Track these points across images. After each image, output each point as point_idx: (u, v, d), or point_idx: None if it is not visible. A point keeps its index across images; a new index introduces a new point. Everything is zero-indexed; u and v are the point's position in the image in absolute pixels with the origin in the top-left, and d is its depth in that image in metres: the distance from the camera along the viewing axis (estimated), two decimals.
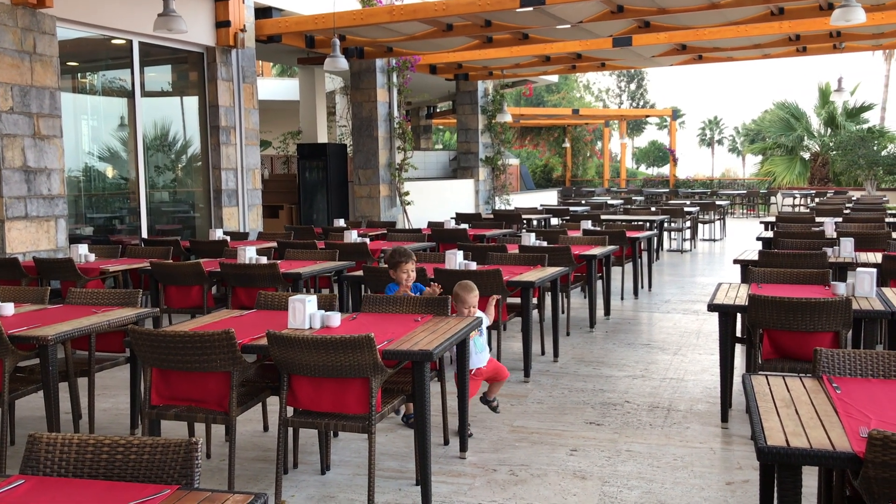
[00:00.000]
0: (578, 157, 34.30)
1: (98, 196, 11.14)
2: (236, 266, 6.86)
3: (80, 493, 2.10)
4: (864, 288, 5.08)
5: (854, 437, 2.49)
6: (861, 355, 3.24)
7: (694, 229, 16.60)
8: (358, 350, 3.68)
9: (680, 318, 8.81)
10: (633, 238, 9.91)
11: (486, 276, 6.12)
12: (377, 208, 14.32)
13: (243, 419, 5.21)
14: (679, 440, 4.84)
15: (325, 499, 4.06)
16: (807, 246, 7.70)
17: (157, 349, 3.90)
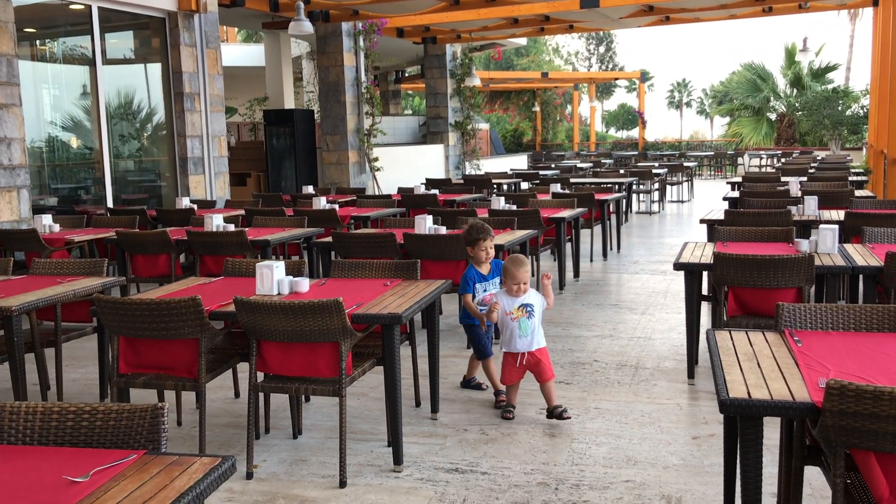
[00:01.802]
0: (548, 121, 34.27)
1: (62, 166, 10.95)
2: (203, 234, 6.80)
3: (46, 460, 2.09)
4: (826, 244, 5.16)
5: (813, 387, 2.54)
6: (822, 309, 3.30)
7: (662, 191, 16.72)
8: (326, 314, 3.68)
9: (648, 278, 8.90)
10: (602, 200, 9.96)
11: (457, 240, 6.12)
12: (346, 175, 14.23)
13: (214, 386, 5.21)
14: (646, 397, 4.92)
15: (297, 462, 4.09)
16: (772, 205, 7.80)
17: (123, 317, 3.87)
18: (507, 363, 4.54)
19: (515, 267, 4.46)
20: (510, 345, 4.48)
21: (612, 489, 3.67)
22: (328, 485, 3.81)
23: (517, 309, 4.45)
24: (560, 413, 4.47)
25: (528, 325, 4.45)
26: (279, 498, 3.67)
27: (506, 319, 4.46)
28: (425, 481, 3.81)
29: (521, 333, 4.44)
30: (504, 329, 4.49)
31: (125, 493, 1.88)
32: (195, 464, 2.03)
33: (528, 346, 4.46)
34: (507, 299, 4.48)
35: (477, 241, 4.98)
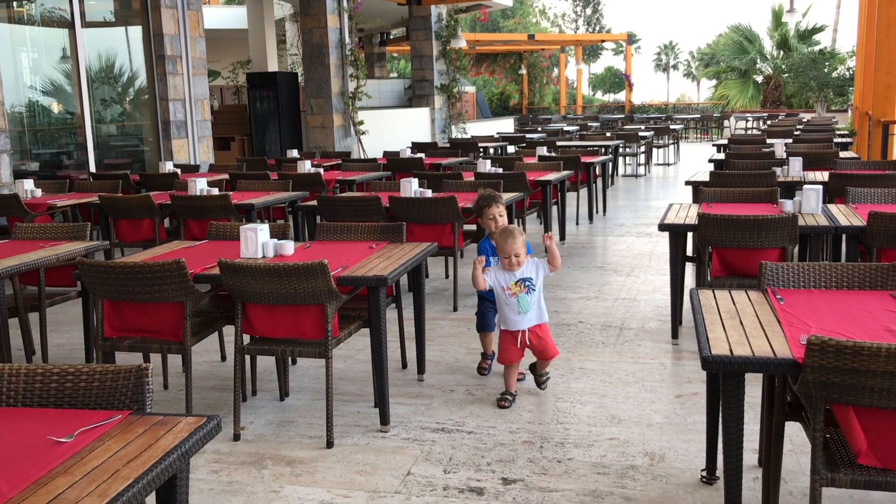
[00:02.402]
0: (535, 84, 34.07)
1: (43, 131, 10.82)
2: (187, 198, 6.76)
3: (30, 420, 2.09)
4: (810, 205, 5.18)
5: (795, 344, 2.57)
6: (804, 267, 3.33)
7: (648, 154, 16.71)
8: (311, 277, 3.68)
9: (633, 240, 8.93)
10: (588, 163, 9.95)
11: (442, 203, 6.11)
12: (331, 139, 14.12)
13: (200, 350, 5.22)
14: (631, 357, 4.96)
15: (284, 424, 4.11)
16: (757, 166, 7.81)
17: (107, 281, 3.85)
18: (505, 342, 4.22)
19: (504, 238, 4.12)
20: (508, 322, 4.17)
21: (597, 447, 3.71)
22: (315, 445, 3.83)
23: (515, 284, 4.12)
24: (542, 380, 4.38)
25: (528, 300, 4.12)
26: (267, 459, 3.70)
27: (503, 296, 4.16)
28: (412, 441, 3.84)
29: (521, 309, 4.11)
30: (502, 306, 4.20)
31: (110, 453, 1.89)
32: (180, 423, 2.03)
33: (530, 323, 4.15)
34: (502, 274, 4.15)
35: (482, 209, 4.61)
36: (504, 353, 4.23)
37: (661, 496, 3.24)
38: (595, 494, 3.27)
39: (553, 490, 3.31)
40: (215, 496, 3.35)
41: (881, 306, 2.97)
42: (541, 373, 4.40)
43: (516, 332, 4.16)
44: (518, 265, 4.10)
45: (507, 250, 4.08)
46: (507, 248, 4.08)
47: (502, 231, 4.15)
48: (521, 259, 4.09)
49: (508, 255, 4.08)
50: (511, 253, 4.08)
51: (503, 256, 4.11)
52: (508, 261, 4.09)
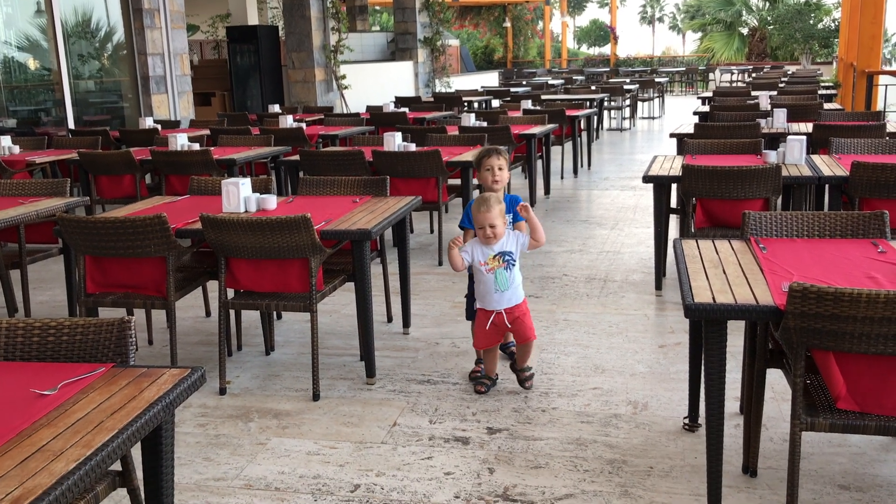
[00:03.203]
0: (519, 37, 33.72)
1: (20, 88, 10.62)
2: (168, 153, 6.68)
3: (12, 374, 2.08)
4: (794, 155, 5.19)
5: (777, 292, 2.58)
6: (787, 217, 3.34)
7: (633, 107, 16.65)
8: (295, 231, 3.65)
9: (618, 194, 8.94)
10: (573, 117, 9.90)
11: (426, 157, 6.07)
12: (313, 93, 13.96)
13: (185, 306, 5.20)
14: (614, 308, 4.99)
15: (270, 378, 4.12)
16: (741, 118, 7.79)
17: (88, 236, 3.81)
18: (481, 323, 3.78)
19: (477, 207, 3.67)
20: (485, 300, 3.76)
21: (580, 396, 3.75)
22: (302, 398, 3.85)
23: (493, 259, 3.70)
24: (525, 377, 3.85)
25: (507, 277, 3.71)
26: (253, 412, 3.72)
27: (480, 271, 3.73)
28: (398, 392, 3.86)
29: (499, 287, 3.71)
30: (478, 283, 3.78)
31: (94, 405, 1.88)
32: (164, 375, 2.03)
33: (508, 302, 3.73)
34: (479, 248, 3.73)
35: (480, 159, 4.07)
36: (479, 336, 3.81)
37: (643, 443, 3.29)
38: (579, 442, 3.31)
39: (537, 439, 3.35)
40: (202, 449, 3.37)
41: (863, 254, 2.99)
42: (522, 367, 3.87)
43: (491, 313, 3.73)
44: (495, 237, 3.66)
45: (481, 220, 3.63)
46: (480, 218, 3.64)
47: (477, 199, 3.70)
48: (497, 231, 3.65)
49: (483, 225, 3.63)
50: (486, 223, 3.63)
51: (477, 227, 3.68)
52: (483, 232, 3.64)
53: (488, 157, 4.04)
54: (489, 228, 3.65)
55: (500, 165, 4.02)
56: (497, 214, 3.65)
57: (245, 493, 3.01)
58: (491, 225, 3.64)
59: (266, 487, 3.05)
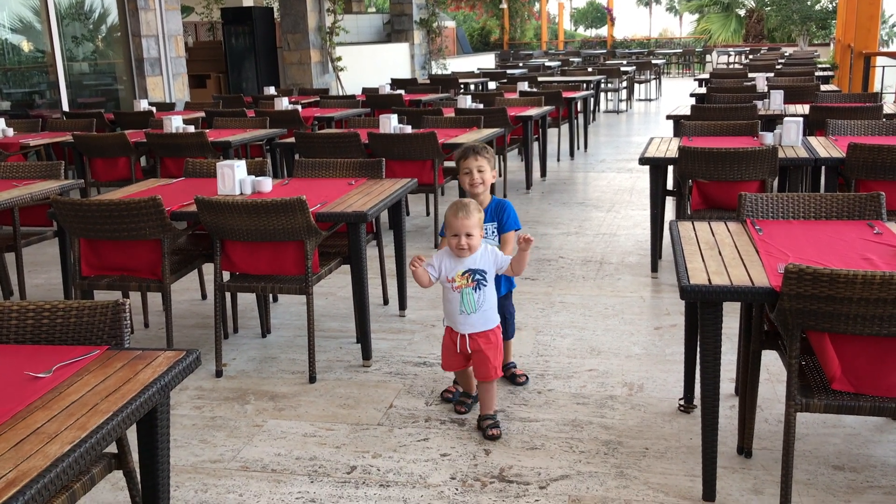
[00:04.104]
0: (516, 18, 33.50)
1: (13, 70, 10.55)
2: (163, 136, 6.65)
3: (7, 356, 2.07)
4: (790, 137, 5.18)
5: (772, 273, 2.58)
6: (783, 198, 3.33)
7: (630, 89, 16.60)
8: (290, 213, 3.64)
9: (614, 176, 8.92)
10: (570, 98, 9.86)
11: (422, 139, 6.05)
12: (309, 75, 13.89)
13: (181, 289, 5.20)
14: (610, 290, 5.00)
15: (266, 360, 4.12)
16: (738, 100, 7.78)
17: (82, 219, 3.80)
18: (445, 343, 3.36)
19: (454, 212, 3.16)
20: (450, 319, 3.29)
21: (576, 378, 3.76)
22: (298, 380, 3.85)
23: (461, 275, 3.20)
24: (487, 426, 3.26)
25: (475, 298, 3.20)
26: (249, 394, 3.72)
27: (446, 287, 3.25)
28: (394, 374, 3.87)
29: (464, 308, 3.20)
30: (444, 299, 3.31)
31: (89, 387, 1.88)
32: (159, 357, 2.02)
33: (472, 327, 3.22)
34: (448, 260, 3.23)
35: (458, 160, 3.62)
36: (445, 356, 3.38)
37: (639, 425, 3.30)
38: (574, 424, 3.32)
39: (533, 420, 3.36)
40: (198, 431, 3.38)
41: (858, 236, 2.99)
42: (485, 414, 3.31)
43: (457, 335, 3.26)
44: (470, 249, 3.17)
45: (457, 226, 3.15)
46: (456, 224, 3.15)
47: (454, 204, 3.20)
48: (473, 242, 3.17)
49: (458, 232, 3.15)
50: (462, 231, 3.14)
51: (450, 234, 3.19)
52: (457, 241, 3.15)
53: (465, 159, 3.59)
54: (464, 238, 3.15)
55: (480, 167, 3.55)
56: (476, 223, 3.17)
57: (241, 475, 3.02)
58: (468, 234, 3.15)
59: (262, 469, 3.05)
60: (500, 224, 3.55)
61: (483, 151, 3.58)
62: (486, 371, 3.25)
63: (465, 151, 3.61)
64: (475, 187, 3.54)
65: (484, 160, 3.56)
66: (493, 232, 3.54)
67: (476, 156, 3.56)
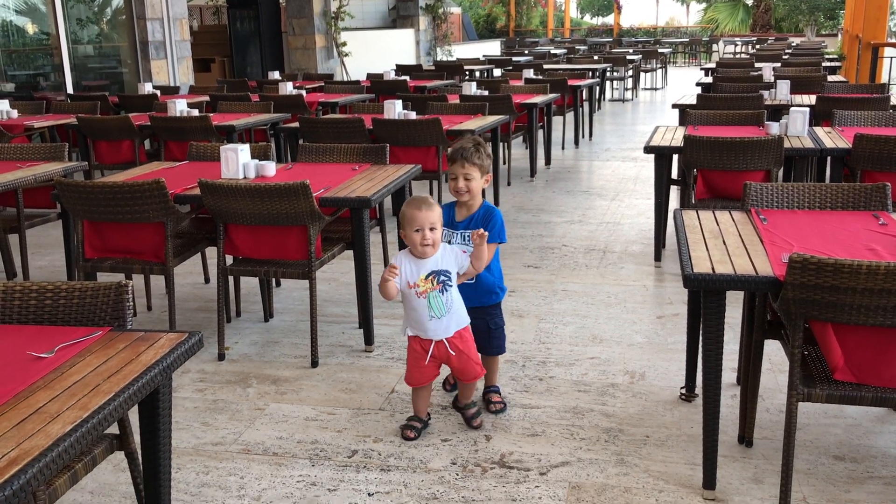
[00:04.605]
0: (522, 6, 33.31)
1: (18, 52, 10.53)
2: (167, 119, 6.64)
3: (9, 336, 2.07)
4: (796, 127, 5.15)
5: (777, 262, 2.57)
6: (788, 188, 3.32)
7: (636, 78, 16.53)
8: (294, 197, 3.64)
9: (619, 165, 8.90)
10: (575, 86, 9.82)
11: (426, 125, 6.03)
12: (313, 60, 13.85)
13: (184, 272, 5.20)
14: (613, 279, 4.99)
15: (269, 344, 4.13)
16: (744, 89, 7.74)
17: (86, 201, 3.80)
18: (413, 354, 3.10)
19: (416, 205, 2.94)
20: (418, 328, 3.05)
21: (578, 366, 3.76)
22: (300, 364, 3.86)
23: (425, 279, 2.98)
24: (471, 414, 3.20)
25: (443, 302, 2.99)
26: (251, 378, 3.73)
27: (409, 294, 3.01)
28: (396, 360, 3.87)
29: (434, 314, 3.00)
30: (408, 308, 3.07)
31: (91, 368, 1.88)
32: (161, 339, 2.02)
33: (446, 331, 3.03)
34: (409, 263, 3.00)
35: (449, 162, 3.28)
36: (410, 370, 3.11)
37: (640, 412, 3.30)
38: (576, 411, 3.32)
39: (535, 407, 3.36)
40: (200, 413, 3.38)
41: (863, 226, 2.98)
42: (466, 403, 3.24)
43: (429, 342, 3.05)
44: (434, 246, 2.96)
45: (420, 219, 2.91)
46: (419, 217, 2.91)
47: (412, 199, 2.99)
48: (437, 237, 2.96)
49: (422, 226, 2.91)
50: (425, 223, 2.91)
51: (411, 229, 2.93)
52: (420, 236, 2.92)
53: (453, 163, 3.22)
54: (428, 232, 2.92)
55: (468, 175, 3.18)
56: (438, 217, 2.96)
57: (243, 458, 3.03)
58: (432, 227, 2.92)
59: (264, 452, 3.06)
60: (480, 221, 3.23)
61: (474, 157, 3.19)
62: (472, 371, 3.09)
63: (454, 153, 3.23)
64: (459, 195, 3.22)
65: (474, 167, 3.19)
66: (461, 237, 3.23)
67: (465, 161, 3.18)
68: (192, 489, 2.83)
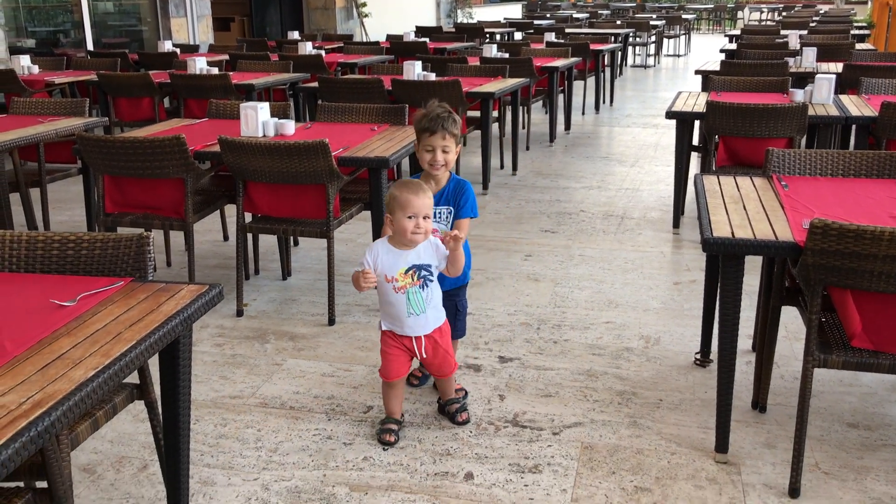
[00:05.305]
0: None
1: (38, 8, 10.52)
2: (187, 77, 6.63)
3: (32, 285, 2.10)
4: (821, 94, 5.08)
5: (797, 228, 2.56)
6: (811, 155, 3.28)
7: (659, 44, 16.32)
8: (313, 156, 3.64)
9: (639, 131, 8.82)
10: (597, 51, 9.70)
11: (445, 87, 5.99)
12: (333, 21, 13.75)
13: (203, 230, 5.24)
14: (631, 245, 4.98)
15: (286, 301, 4.16)
16: (769, 56, 7.62)
17: (107, 156, 3.82)
18: (388, 348, 2.89)
19: (412, 191, 2.67)
20: (395, 323, 2.85)
21: (593, 329, 3.77)
22: (317, 322, 3.89)
23: (404, 274, 2.75)
24: (455, 409, 2.99)
25: (422, 297, 2.79)
26: (269, 334, 3.76)
27: (386, 289, 2.78)
28: None
29: (412, 310, 2.79)
30: (384, 302, 2.85)
31: (113, 317, 1.90)
32: (182, 290, 2.04)
33: (424, 328, 2.84)
34: (387, 254, 2.76)
35: (420, 133, 3.00)
36: (387, 363, 2.88)
37: (654, 377, 3.31)
38: (589, 374, 3.34)
39: (548, 369, 3.38)
40: (219, 367, 3.43)
41: (887, 194, 2.94)
42: (449, 398, 3.03)
43: (405, 338, 2.86)
44: (425, 235, 2.73)
45: (418, 206, 2.66)
46: (417, 204, 2.66)
47: (406, 183, 2.73)
48: (429, 227, 2.73)
49: (417, 213, 2.67)
50: (421, 212, 2.67)
51: (403, 215, 2.67)
52: (414, 223, 2.67)
53: (430, 134, 2.96)
54: (422, 220, 2.67)
55: (446, 146, 2.97)
56: (431, 205, 2.73)
57: (260, 411, 3.07)
58: (426, 215, 2.69)
59: (281, 406, 3.10)
60: (456, 208, 3.03)
61: (452, 126, 2.98)
62: (448, 367, 2.92)
63: (431, 122, 2.96)
64: (435, 168, 2.98)
65: (452, 138, 2.98)
66: (447, 217, 3.04)
67: (445, 132, 2.95)
68: (210, 440, 2.87)
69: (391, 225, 2.72)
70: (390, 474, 2.67)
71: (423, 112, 3.02)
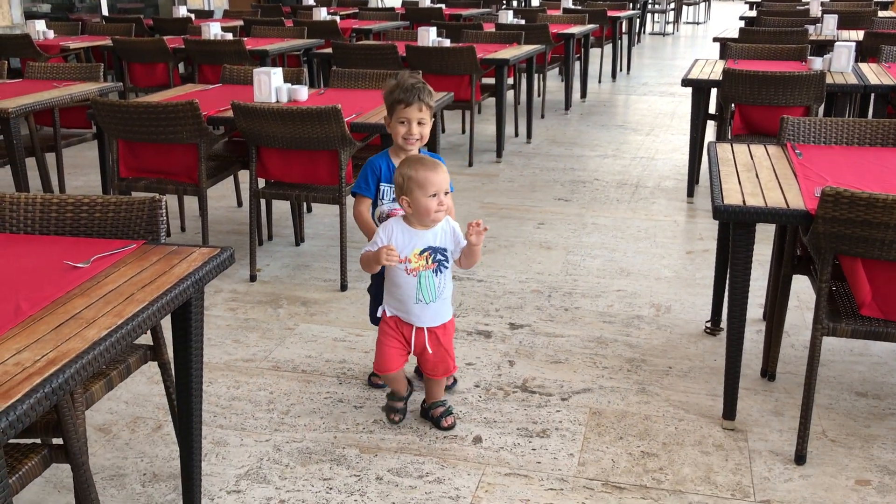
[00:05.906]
0: None
1: None
2: (201, 42, 6.63)
3: (47, 247, 2.13)
4: (840, 62, 5.02)
5: (809, 196, 2.54)
6: (826, 123, 3.25)
7: (678, 11, 16.11)
8: (325, 122, 3.64)
9: (656, 100, 8.75)
10: (614, 18, 9.61)
11: (460, 53, 5.96)
12: None
13: (217, 195, 5.26)
14: (644, 214, 4.96)
15: (299, 267, 4.19)
16: (789, 24, 7.52)
17: (121, 120, 3.84)
18: (386, 337, 2.68)
19: (430, 168, 2.50)
20: (400, 308, 2.65)
21: (604, 297, 3.77)
22: (329, 288, 3.92)
23: (418, 255, 2.56)
24: (440, 413, 2.76)
25: (435, 284, 2.60)
26: (282, 299, 3.80)
27: (396, 269, 2.58)
28: None
29: (422, 296, 2.59)
30: (392, 284, 2.64)
31: (125, 278, 1.93)
32: (194, 253, 2.07)
33: (432, 319, 2.64)
34: (402, 235, 2.57)
35: (393, 105, 2.80)
36: (381, 355, 2.69)
37: (664, 344, 3.32)
38: (600, 341, 3.35)
39: (559, 335, 3.40)
40: (232, 331, 3.47)
41: None
42: (434, 401, 2.80)
43: (407, 328, 2.66)
44: (440, 216, 2.53)
45: (439, 183, 2.48)
46: (438, 181, 2.48)
47: (421, 159, 2.55)
48: (451, 203, 2.58)
49: (438, 190, 2.48)
50: (443, 188, 2.49)
51: (425, 194, 2.47)
52: (437, 201, 2.48)
53: (406, 105, 2.77)
54: (444, 196, 2.50)
55: (422, 119, 2.79)
56: (448, 180, 2.53)
57: (272, 374, 3.11)
58: (446, 191, 2.51)
59: (293, 370, 3.14)
60: None
61: (428, 97, 2.80)
62: (445, 367, 2.70)
63: (406, 93, 2.77)
64: (410, 142, 2.80)
65: (428, 110, 2.80)
66: None
67: (421, 104, 2.77)
68: (222, 402, 2.92)
69: (408, 206, 2.52)
70: (400, 437, 2.70)
71: (394, 83, 2.83)
